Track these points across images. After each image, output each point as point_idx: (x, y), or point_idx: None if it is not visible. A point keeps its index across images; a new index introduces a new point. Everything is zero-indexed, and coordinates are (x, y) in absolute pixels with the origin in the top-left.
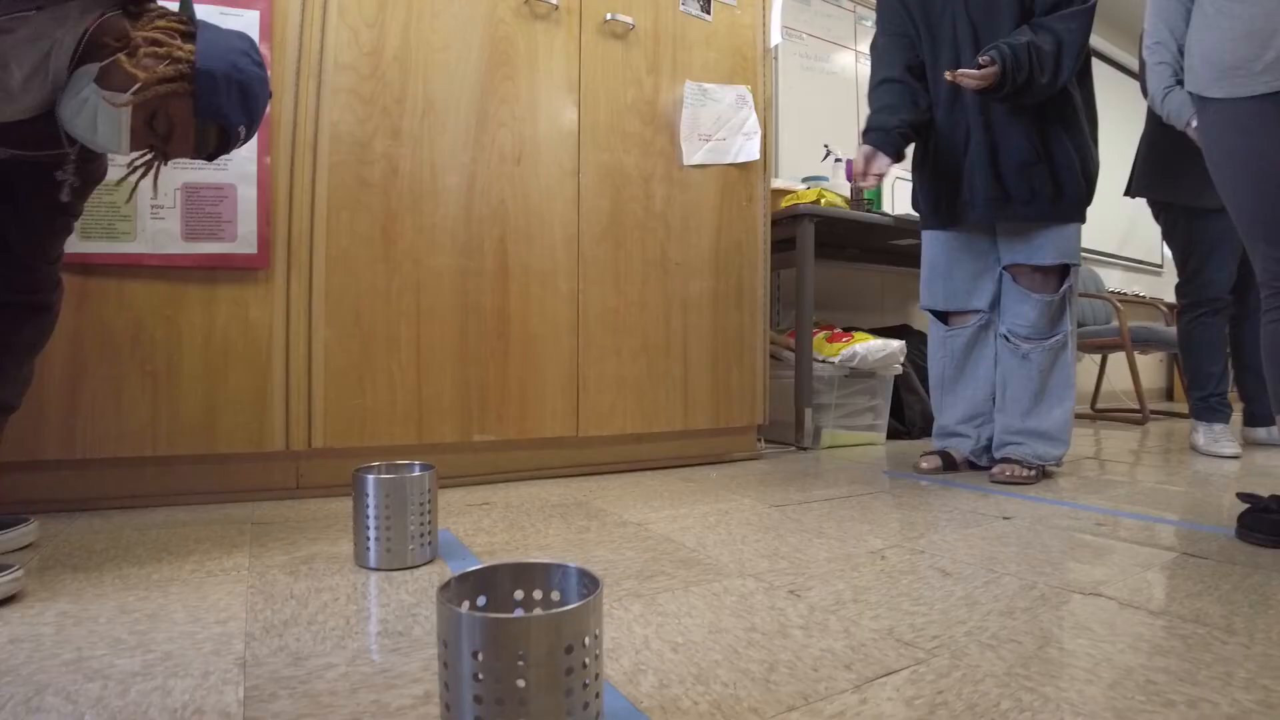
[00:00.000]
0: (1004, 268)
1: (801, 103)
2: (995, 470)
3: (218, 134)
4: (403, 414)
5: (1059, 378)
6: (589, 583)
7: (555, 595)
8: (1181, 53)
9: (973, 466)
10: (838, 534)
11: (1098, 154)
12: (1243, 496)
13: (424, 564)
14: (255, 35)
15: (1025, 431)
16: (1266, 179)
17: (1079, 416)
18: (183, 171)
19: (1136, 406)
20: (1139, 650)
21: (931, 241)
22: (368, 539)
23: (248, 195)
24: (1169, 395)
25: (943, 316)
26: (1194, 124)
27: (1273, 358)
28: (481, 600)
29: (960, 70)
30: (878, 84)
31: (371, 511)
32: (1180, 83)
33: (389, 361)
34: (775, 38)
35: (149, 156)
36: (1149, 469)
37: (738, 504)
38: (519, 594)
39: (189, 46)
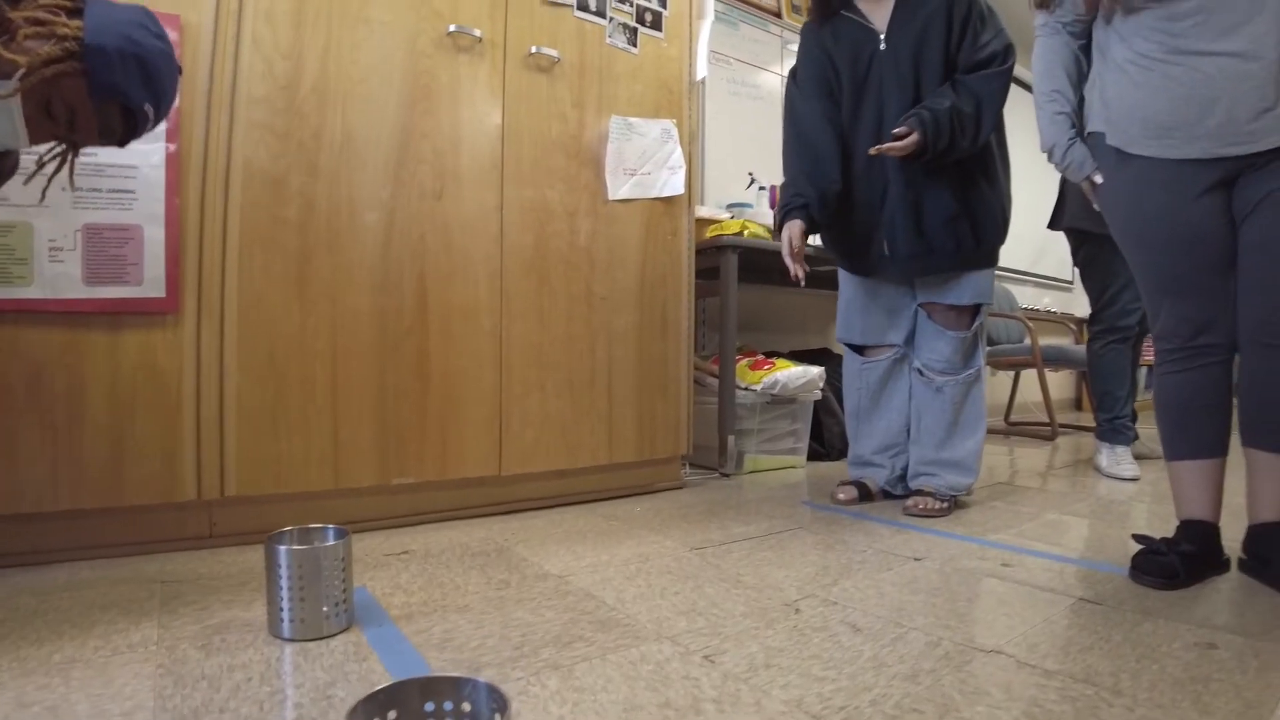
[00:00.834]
0: (919, 305)
1: (728, 126)
2: (909, 503)
3: (121, 115)
4: (319, 458)
5: (971, 410)
6: (498, 698)
7: (466, 706)
8: (1080, 103)
9: (887, 495)
10: (754, 581)
11: (1010, 197)
12: (1137, 538)
13: (340, 632)
14: None
15: (939, 462)
16: (1181, 240)
17: (994, 431)
18: (84, 212)
19: (1047, 421)
20: (1032, 718)
21: (848, 280)
22: (281, 610)
23: (155, 236)
24: (1078, 405)
25: (859, 348)
26: (1098, 178)
27: (1166, 408)
28: (392, 715)
29: (882, 146)
30: (797, 140)
31: (285, 583)
32: (1078, 134)
33: (304, 405)
34: (701, 71)
35: (59, 149)
36: (1055, 496)
37: (659, 547)
38: (429, 706)
39: (75, 23)
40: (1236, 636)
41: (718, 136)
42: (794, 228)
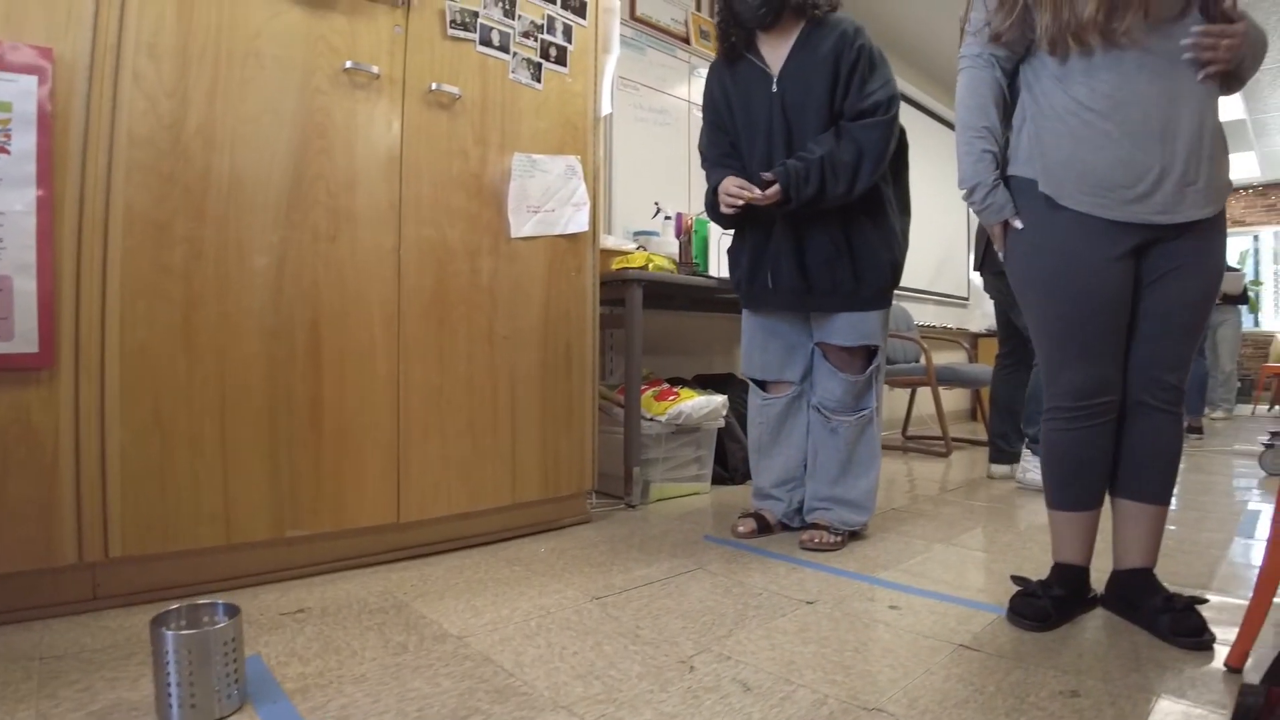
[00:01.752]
0: (815, 344)
1: (635, 152)
2: (805, 537)
3: None
4: (209, 514)
5: (865, 449)
6: None
7: None
8: (1005, 143)
9: (785, 528)
10: (652, 635)
11: (906, 243)
12: (1015, 579)
13: (232, 714)
14: (32, 104)
15: (833, 499)
16: (1100, 298)
17: (891, 447)
18: None
19: (942, 436)
20: None
21: (749, 318)
22: (169, 697)
23: (26, 288)
24: (973, 416)
25: (761, 383)
26: (1017, 223)
27: (1059, 461)
28: None
29: (745, 197)
30: (713, 163)
31: (172, 670)
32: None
33: (192, 460)
34: (606, 107)
35: None
36: (945, 524)
37: (560, 598)
38: None
39: None
40: (1098, 682)
41: (625, 162)
42: (727, 182)
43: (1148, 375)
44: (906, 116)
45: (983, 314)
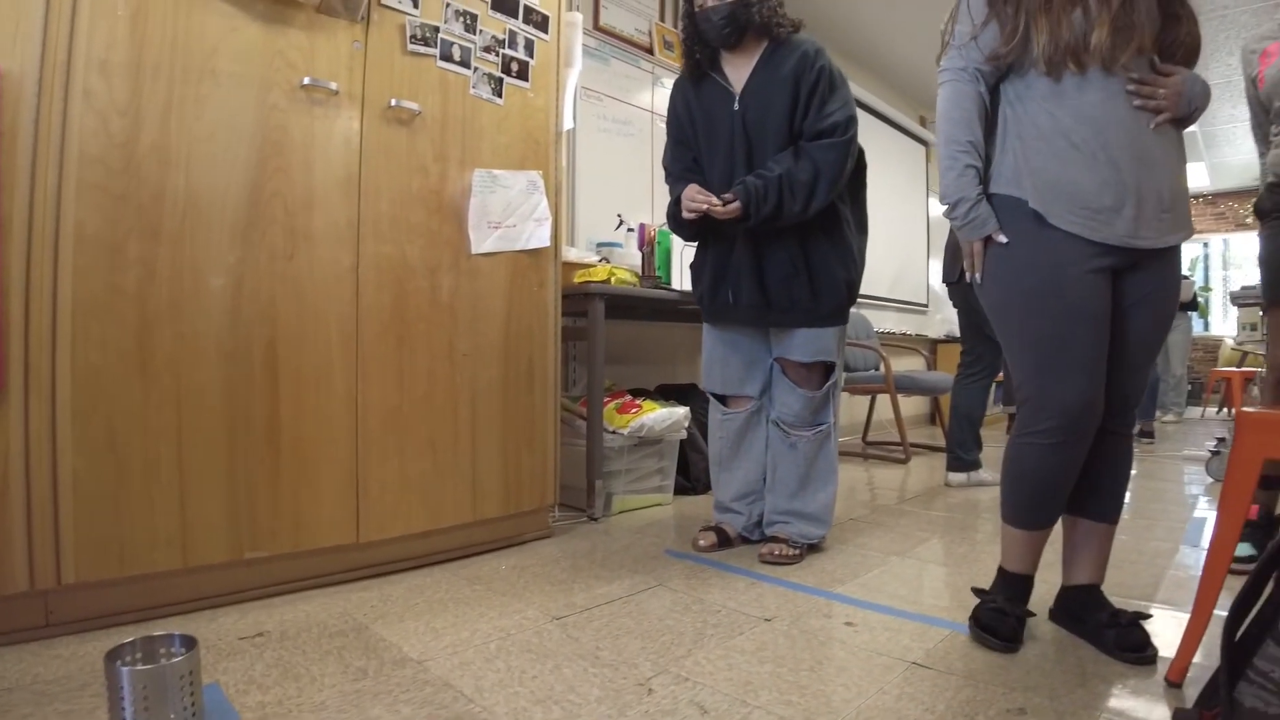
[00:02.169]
0: (774, 359)
1: (599, 162)
2: (764, 550)
3: None
4: (165, 538)
5: (823, 464)
6: None
7: None
8: (988, 159)
9: (745, 540)
10: (611, 657)
11: (863, 261)
12: (976, 591)
13: None
14: None
15: (791, 512)
16: (1090, 319)
17: (852, 454)
18: None
19: (901, 442)
20: None
21: (710, 333)
22: None
23: None
24: (932, 420)
25: (721, 398)
26: (1001, 238)
27: (1034, 483)
28: None
29: (707, 204)
30: (677, 177)
31: (128, 707)
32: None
33: (148, 483)
34: (568, 122)
35: None
36: (901, 535)
37: (520, 619)
38: None
39: None
40: (1045, 700)
41: (588, 173)
42: (689, 189)
43: (1113, 400)
44: (868, 125)
45: (942, 319)
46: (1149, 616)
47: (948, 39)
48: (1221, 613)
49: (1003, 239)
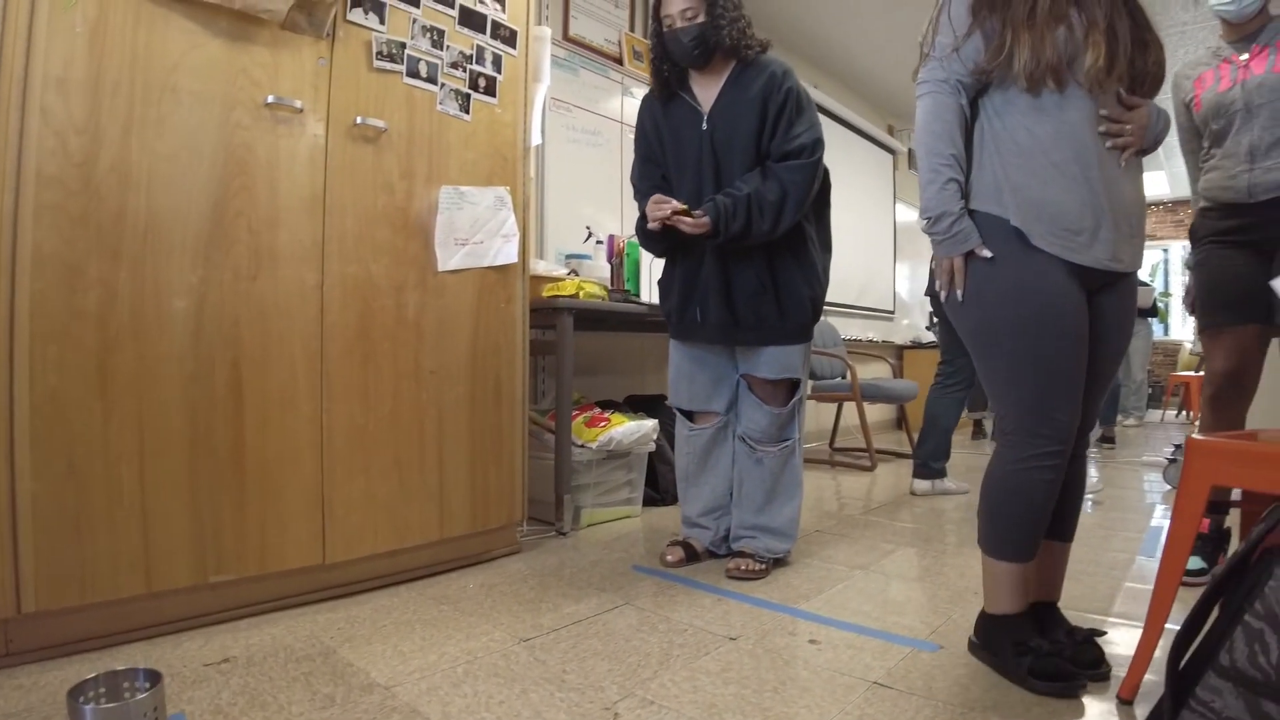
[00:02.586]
0: (741, 375)
1: (568, 173)
2: (731, 565)
3: None
4: (128, 564)
5: (788, 478)
6: None
7: None
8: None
9: (713, 555)
10: (578, 681)
11: (827, 279)
12: (1016, 645)
13: None
14: None
15: (758, 527)
16: (1076, 340)
17: (818, 462)
18: None
19: (867, 449)
20: None
21: (677, 349)
22: None
23: None
24: (898, 425)
25: (688, 414)
26: (985, 253)
27: (1029, 507)
28: None
29: (677, 217)
30: (644, 195)
31: None
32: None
33: (110, 508)
34: (536, 137)
35: None
36: (867, 548)
37: (487, 640)
38: None
39: None
40: (1002, 719)
41: (557, 184)
42: (654, 198)
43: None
44: (837, 134)
45: (908, 325)
46: (1103, 633)
47: (927, 50)
48: (1174, 626)
49: (987, 254)
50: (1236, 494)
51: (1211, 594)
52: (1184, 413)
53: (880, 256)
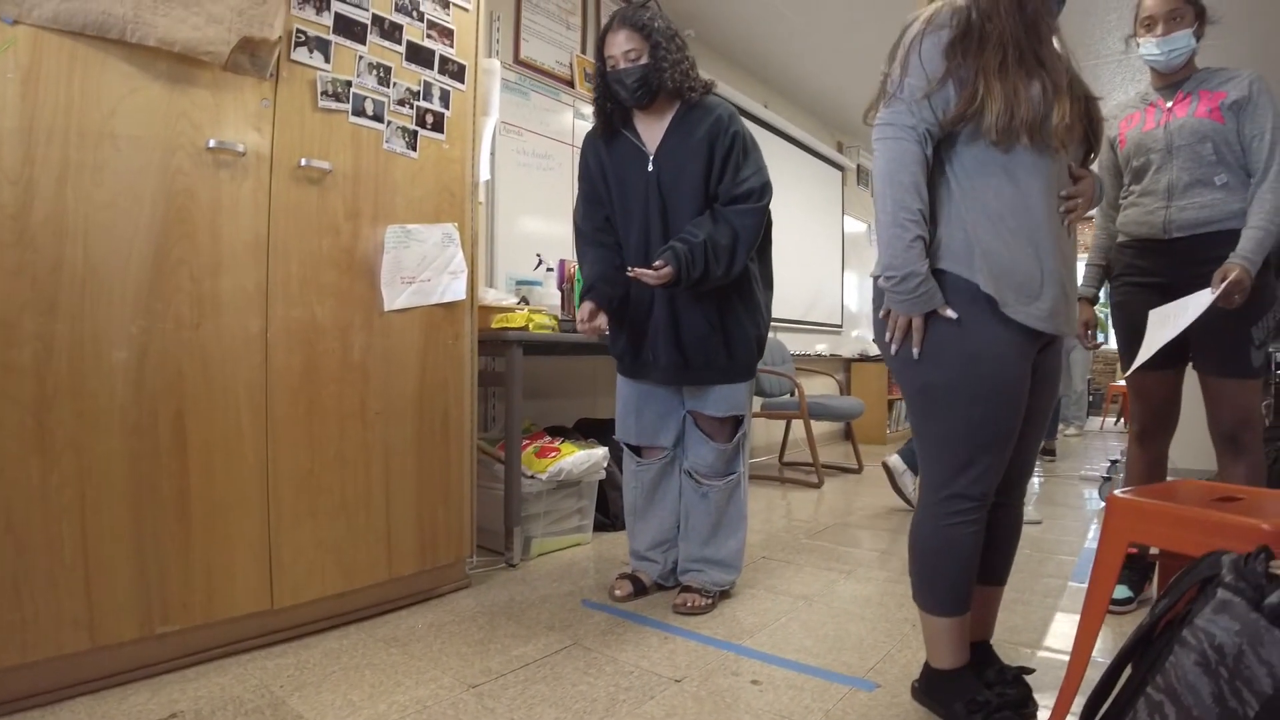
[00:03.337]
0: (688, 411)
1: (519, 198)
2: (678, 601)
3: None
4: (71, 620)
5: (733, 511)
6: None
7: None
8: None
9: (661, 587)
10: None
11: (769, 316)
12: (967, 705)
13: None
14: None
15: (704, 560)
16: (1020, 402)
17: (767, 478)
18: None
19: (814, 465)
20: None
21: (625, 384)
22: None
23: None
24: (846, 436)
25: (635, 448)
26: (950, 313)
27: (956, 561)
28: None
29: (639, 270)
30: (588, 240)
31: None
32: None
33: (50, 566)
34: (485, 172)
35: None
36: (811, 575)
37: (436, 687)
38: None
39: None
40: None
41: (508, 208)
42: (585, 309)
43: (1011, 474)
44: (788, 151)
45: (857, 337)
46: (1031, 671)
47: (892, 90)
48: (1104, 660)
49: (952, 315)
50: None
51: (1118, 664)
52: (1122, 420)
53: (829, 271)
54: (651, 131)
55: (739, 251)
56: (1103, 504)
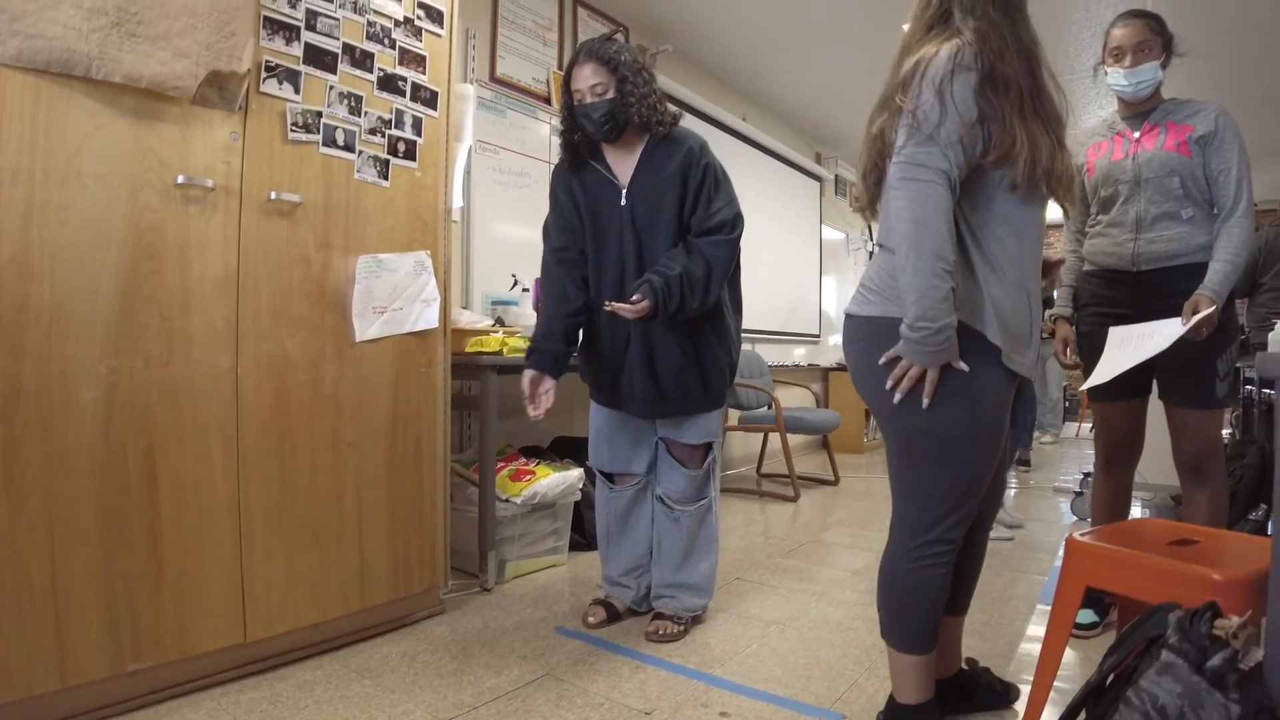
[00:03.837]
0: (659, 438)
1: (495, 216)
2: (650, 628)
3: None
4: (42, 660)
5: (705, 535)
6: None
7: None
8: None
9: (634, 613)
10: None
11: (740, 341)
12: None
13: None
14: None
15: (676, 584)
16: (1001, 444)
17: (745, 491)
18: None
19: (790, 478)
20: None
21: (598, 411)
22: None
23: None
24: (824, 446)
25: (608, 475)
26: (963, 366)
27: (930, 601)
28: None
29: (616, 304)
30: (547, 281)
31: None
32: None
33: (20, 607)
34: (458, 200)
35: None
36: (783, 599)
37: None
38: None
39: None
40: None
41: (484, 226)
42: (526, 377)
43: (983, 510)
44: (767, 164)
45: (834, 345)
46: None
47: (926, 128)
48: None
49: (964, 367)
50: None
51: (1080, 701)
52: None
53: (808, 280)
54: (622, 164)
55: (713, 283)
56: (1075, 518)
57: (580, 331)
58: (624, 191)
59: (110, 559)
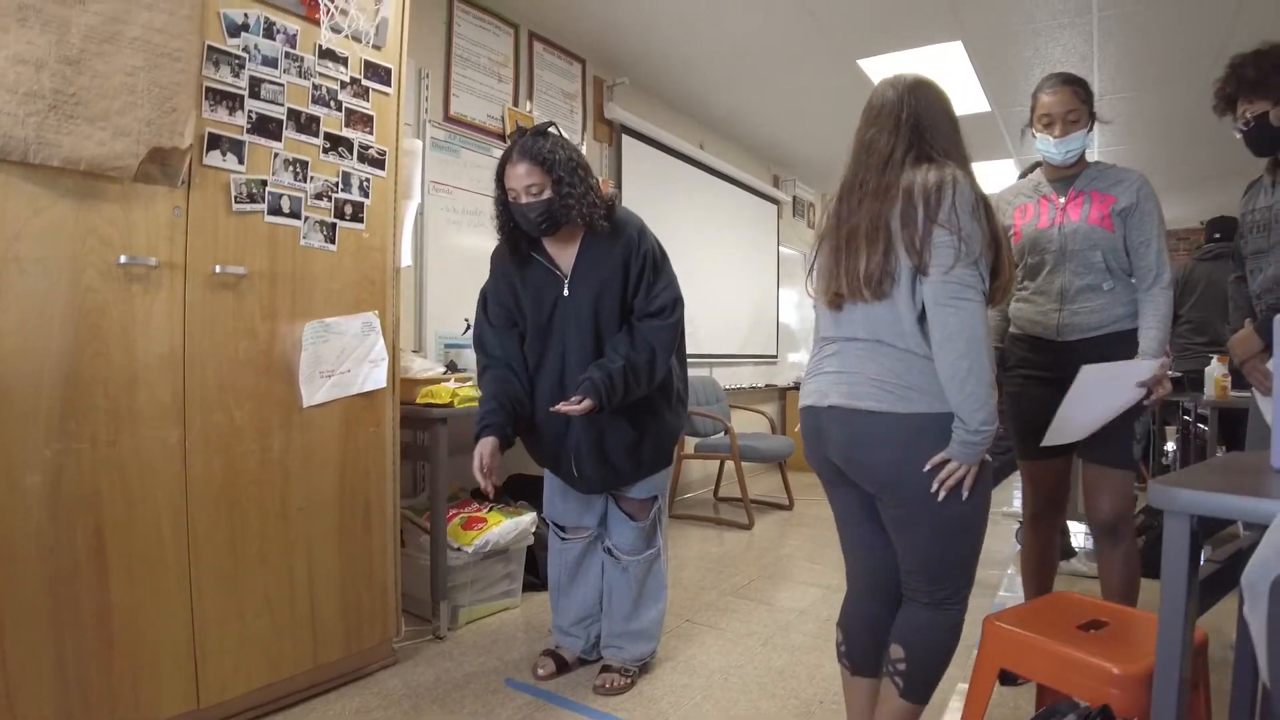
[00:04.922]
0: (609, 495)
1: (448, 256)
2: (598, 681)
3: None
4: None
5: (653, 583)
6: None
7: None
8: None
9: (584, 662)
10: None
11: (687, 389)
12: None
13: None
14: None
15: (626, 634)
16: (979, 533)
17: (701, 518)
18: None
19: (745, 505)
20: None
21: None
22: None
23: None
24: (779, 466)
25: (560, 527)
26: (987, 455)
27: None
28: None
29: (561, 406)
30: (485, 367)
31: None
32: None
33: None
34: (406, 259)
35: None
36: (729, 645)
37: None
38: None
39: None
40: None
41: (438, 267)
42: (485, 445)
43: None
44: (727, 191)
45: (792, 364)
46: None
47: (967, 247)
48: None
49: (989, 458)
50: None
51: None
52: None
53: (765, 301)
54: (563, 255)
55: (658, 365)
56: (1018, 546)
57: (528, 402)
58: (566, 282)
59: (61, 639)
